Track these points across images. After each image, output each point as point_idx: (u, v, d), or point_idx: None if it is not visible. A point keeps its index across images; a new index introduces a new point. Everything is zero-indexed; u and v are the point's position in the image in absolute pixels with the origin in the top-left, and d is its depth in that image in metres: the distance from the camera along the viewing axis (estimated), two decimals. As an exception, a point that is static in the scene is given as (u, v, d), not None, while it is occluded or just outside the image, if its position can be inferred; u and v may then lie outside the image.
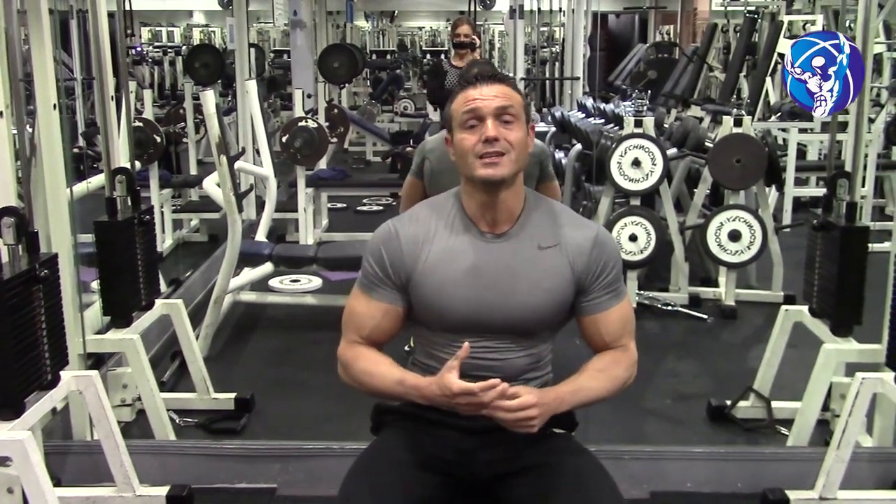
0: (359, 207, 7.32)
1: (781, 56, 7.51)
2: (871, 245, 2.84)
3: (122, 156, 3.20)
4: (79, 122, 6.83)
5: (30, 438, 2.09)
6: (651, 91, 7.47)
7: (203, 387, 3.31)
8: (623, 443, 3.07)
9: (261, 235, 4.60)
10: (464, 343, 1.69)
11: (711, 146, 4.65)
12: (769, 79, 7.46)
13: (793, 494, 2.55)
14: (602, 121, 5.53)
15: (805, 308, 3.05)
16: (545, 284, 1.73)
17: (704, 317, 4.54)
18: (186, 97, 6.86)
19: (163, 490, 2.57)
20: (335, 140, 7.45)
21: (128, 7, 5.98)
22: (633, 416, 3.37)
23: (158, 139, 5.53)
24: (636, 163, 4.46)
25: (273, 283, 4.86)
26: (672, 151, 4.90)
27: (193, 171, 6.66)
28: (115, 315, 2.91)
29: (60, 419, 2.85)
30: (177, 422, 3.18)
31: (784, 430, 3.10)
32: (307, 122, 5.83)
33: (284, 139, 5.75)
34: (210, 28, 18.25)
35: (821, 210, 2.96)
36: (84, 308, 2.83)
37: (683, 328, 4.47)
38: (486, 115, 1.69)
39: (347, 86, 10.89)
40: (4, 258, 2.16)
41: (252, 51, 7.29)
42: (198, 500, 2.64)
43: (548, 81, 10.16)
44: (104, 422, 2.45)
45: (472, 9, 10.33)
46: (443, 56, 9.83)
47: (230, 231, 3.84)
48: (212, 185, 3.98)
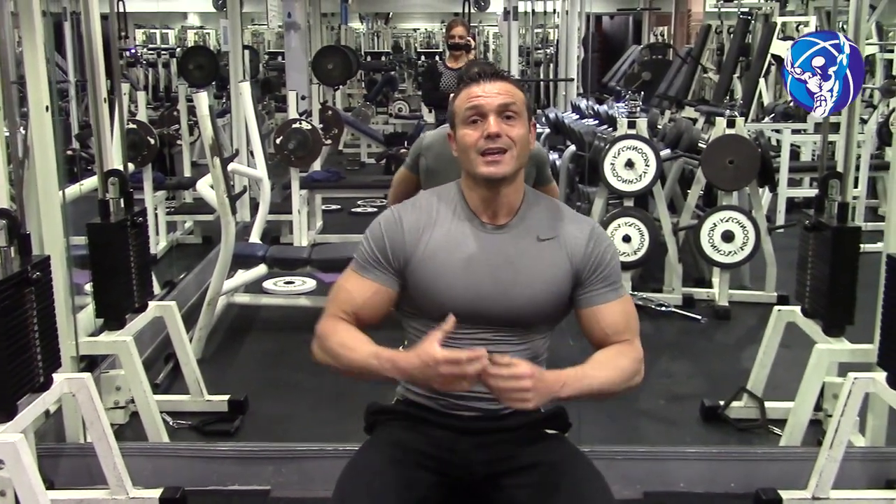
0: (353, 209, 7.32)
1: (775, 57, 7.55)
2: (865, 245, 2.85)
3: (116, 158, 3.20)
4: (73, 125, 6.83)
5: (22, 441, 2.09)
6: (645, 92, 7.48)
7: (196, 389, 3.31)
8: (617, 443, 3.07)
9: (255, 237, 4.60)
10: (461, 334, 1.68)
11: (705, 147, 4.66)
12: (762, 80, 7.50)
13: (786, 494, 2.55)
14: (596, 122, 5.54)
15: (798, 308, 3.06)
16: (543, 276, 1.73)
17: (698, 317, 4.55)
18: (180, 99, 6.86)
19: (156, 492, 2.57)
20: (329, 142, 7.46)
21: (122, 9, 5.99)
22: (627, 417, 3.38)
23: (152, 141, 5.53)
24: (629, 164, 4.47)
25: (267, 285, 4.86)
26: (665, 152, 4.91)
27: (187, 173, 6.65)
28: (109, 317, 2.91)
29: (53, 422, 2.85)
30: (170, 424, 3.18)
31: (777, 430, 3.10)
32: (301, 124, 5.82)
33: (278, 141, 5.74)
34: (204, 30, 18.22)
35: (813, 210, 2.97)
36: (77, 310, 2.83)
37: (677, 329, 4.48)
38: (489, 112, 1.70)
39: (342, 87, 10.90)
40: (-4, 260, 2.16)
41: (246, 53, 7.28)
42: (191, 503, 2.63)
43: (542, 83, 10.18)
44: (97, 424, 2.45)
45: (467, 10, 10.33)
46: (437, 58, 9.82)
47: (224, 233, 3.83)
48: (205, 187, 3.98)
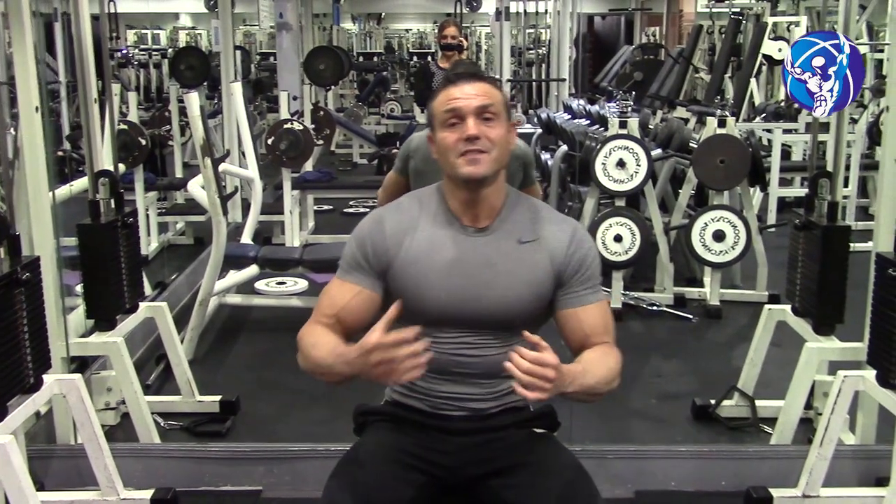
0: (345, 209, 7.31)
1: (766, 57, 7.57)
2: (855, 244, 2.86)
3: (107, 158, 3.19)
4: (64, 125, 6.82)
5: (12, 442, 2.08)
6: (637, 92, 7.51)
7: (188, 390, 3.30)
8: (608, 442, 3.07)
9: (246, 238, 4.60)
10: (444, 337, 1.71)
11: (696, 147, 4.67)
12: (754, 80, 7.51)
13: (776, 492, 2.56)
14: (588, 122, 5.55)
15: (788, 307, 3.07)
16: (525, 277, 1.74)
17: (689, 317, 4.56)
18: (172, 100, 6.84)
19: (147, 493, 2.56)
20: (321, 142, 7.43)
21: (113, 10, 5.97)
22: (618, 416, 3.38)
23: (144, 142, 5.51)
24: (621, 164, 4.48)
25: (259, 286, 4.85)
26: (657, 152, 4.92)
27: (179, 174, 6.63)
28: (99, 318, 2.90)
29: (44, 423, 2.84)
30: (161, 425, 3.18)
31: (768, 429, 3.11)
32: (293, 125, 5.81)
33: (270, 141, 5.73)
34: (196, 30, 18.18)
35: (803, 210, 2.98)
36: (68, 311, 2.82)
37: (668, 328, 4.49)
38: (467, 114, 1.70)
39: (334, 88, 10.87)
40: (-14, 261, 2.15)
41: (238, 53, 7.28)
42: (182, 503, 2.63)
43: (534, 83, 10.19)
44: (88, 425, 2.44)
45: (459, 11, 10.34)
46: (430, 58, 9.81)
47: (215, 233, 3.83)
48: (197, 188, 3.97)
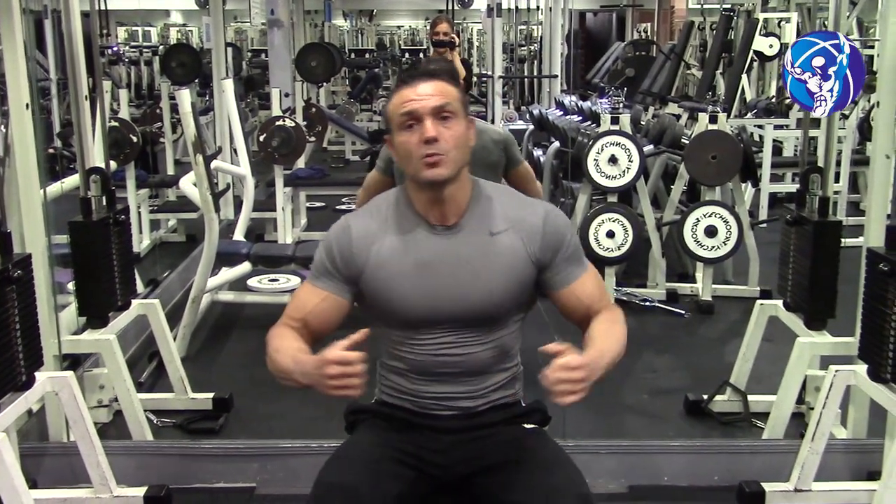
0: (337, 206, 7.30)
1: (757, 53, 7.59)
2: (846, 239, 2.87)
3: (98, 156, 3.18)
4: (55, 123, 6.79)
5: (4, 440, 2.08)
6: (628, 88, 7.50)
7: (181, 387, 3.29)
8: (601, 437, 3.08)
9: (239, 235, 4.59)
10: (424, 339, 1.71)
11: (688, 143, 4.68)
12: (745, 76, 7.53)
13: (768, 486, 2.57)
14: (580, 118, 5.56)
15: (780, 302, 3.08)
16: (502, 269, 1.72)
17: (682, 312, 4.58)
18: (163, 97, 6.81)
19: (140, 491, 2.56)
20: (313, 139, 7.42)
21: (103, 6, 5.93)
22: (611, 411, 3.39)
23: (135, 139, 5.49)
24: (613, 160, 4.48)
25: (251, 283, 4.84)
26: (649, 148, 4.93)
27: (171, 171, 6.61)
28: (91, 316, 2.90)
29: (36, 421, 2.83)
30: (154, 422, 3.17)
31: (760, 424, 3.12)
32: (285, 122, 5.80)
33: (262, 138, 5.73)
34: (187, 27, 18.11)
35: (795, 205, 2.99)
36: (60, 309, 2.81)
37: (661, 324, 4.50)
38: (424, 115, 1.66)
39: (326, 85, 10.86)
40: (-23, 259, 2.15)
41: (229, 50, 7.25)
42: (176, 501, 2.63)
43: (526, 79, 10.19)
44: (80, 423, 2.43)
45: (451, 7, 10.33)
46: (422, 55, 9.82)
47: (207, 230, 3.82)
48: (188, 185, 3.96)
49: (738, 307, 4.57)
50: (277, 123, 5.77)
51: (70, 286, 2.94)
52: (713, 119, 4.59)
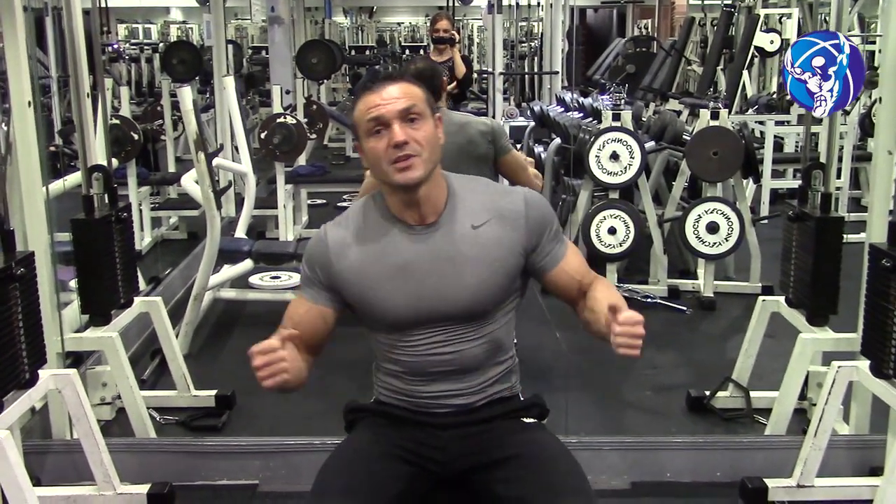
0: (339, 203, 7.27)
1: (758, 49, 7.58)
2: (848, 235, 2.88)
3: (99, 153, 3.18)
4: (55, 120, 6.78)
5: (8, 438, 2.08)
6: (629, 85, 7.49)
7: (183, 384, 3.30)
8: (604, 434, 3.09)
9: (240, 232, 4.59)
10: (414, 341, 1.72)
11: (689, 139, 4.68)
12: (746, 72, 7.53)
13: (771, 482, 2.57)
14: (581, 115, 5.55)
15: (782, 298, 3.08)
16: (487, 260, 1.71)
17: (683, 308, 4.57)
18: (164, 94, 6.82)
19: (144, 488, 2.56)
20: (314, 136, 7.43)
21: (104, 4, 5.93)
22: (614, 408, 3.40)
23: (136, 136, 5.49)
24: (614, 156, 4.48)
25: (253, 280, 4.83)
26: (650, 145, 4.92)
27: (172, 169, 6.62)
28: (94, 313, 2.90)
29: (39, 418, 2.84)
30: (157, 420, 3.17)
31: (762, 420, 3.13)
32: (286, 119, 5.80)
33: (263, 136, 5.72)
34: (187, 24, 18.12)
35: (796, 201, 2.99)
36: (62, 306, 2.82)
37: (663, 320, 4.50)
38: (391, 119, 1.65)
39: (326, 82, 10.86)
40: (-20, 257, 2.15)
41: (230, 47, 7.25)
42: (179, 498, 2.63)
43: (527, 76, 10.19)
44: (84, 420, 2.44)
45: (451, 4, 10.32)
46: (422, 52, 9.81)
47: (209, 228, 3.82)
48: (190, 182, 3.96)
49: (740, 303, 4.57)
50: (278, 121, 5.76)
51: (72, 284, 2.94)
52: (715, 115, 4.59)
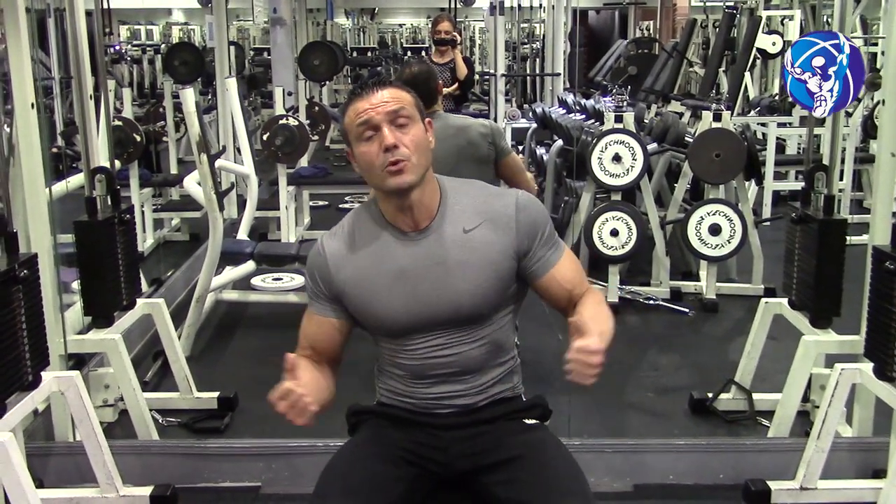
0: (340, 205, 7.28)
1: (760, 51, 7.57)
2: (851, 237, 2.87)
3: (102, 155, 3.18)
4: (57, 122, 6.78)
5: (11, 440, 2.08)
6: (631, 87, 7.48)
7: (186, 386, 3.30)
8: (606, 436, 3.08)
9: (242, 234, 4.59)
10: (415, 345, 1.71)
11: (691, 141, 4.68)
12: (748, 74, 7.51)
13: (774, 485, 2.57)
14: (583, 116, 5.55)
15: (785, 300, 3.08)
16: (481, 263, 1.71)
17: (686, 310, 4.57)
18: (166, 95, 6.83)
19: (146, 490, 2.56)
20: (316, 138, 7.44)
21: (106, 5, 5.94)
22: (616, 410, 3.39)
23: (138, 138, 5.50)
24: (617, 158, 4.48)
25: (255, 282, 4.84)
26: (652, 146, 4.92)
27: (174, 170, 6.62)
28: (96, 315, 2.90)
29: (42, 420, 2.84)
30: (160, 421, 3.18)
31: (765, 422, 3.12)
32: (288, 120, 5.79)
33: (265, 137, 5.72)
34: (189, 26, 18.14)
35: (799, 203, 2.99)
36: (65, 308, 2.81)
37: (665, 322, 4.50)
38: (381, 123, 1.65)
39: (328, 83, 10.85)
40: (-17, 259, 2.15)
41: (232, 49, 7.24)
42: (182, 500, 2.63)
43: (529, 78, 10.19)
44: (86, 422, 2.44)
45: (453, 6, 10.32)
46: (424, 53, 9.82)
47: (211, 229, 3.82)
48: (192, 184, 3.96)
49: (743, 305, 4.57)
50: (280, 122, 5.76)
51: (75, 285, 2.94)
52: (717, 117, 4.59)
